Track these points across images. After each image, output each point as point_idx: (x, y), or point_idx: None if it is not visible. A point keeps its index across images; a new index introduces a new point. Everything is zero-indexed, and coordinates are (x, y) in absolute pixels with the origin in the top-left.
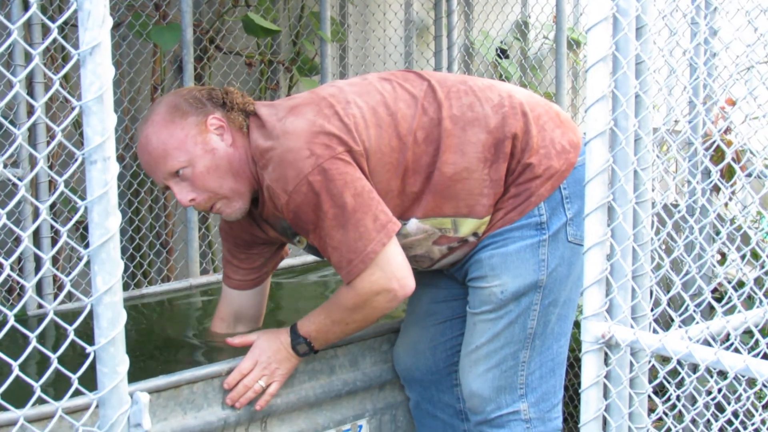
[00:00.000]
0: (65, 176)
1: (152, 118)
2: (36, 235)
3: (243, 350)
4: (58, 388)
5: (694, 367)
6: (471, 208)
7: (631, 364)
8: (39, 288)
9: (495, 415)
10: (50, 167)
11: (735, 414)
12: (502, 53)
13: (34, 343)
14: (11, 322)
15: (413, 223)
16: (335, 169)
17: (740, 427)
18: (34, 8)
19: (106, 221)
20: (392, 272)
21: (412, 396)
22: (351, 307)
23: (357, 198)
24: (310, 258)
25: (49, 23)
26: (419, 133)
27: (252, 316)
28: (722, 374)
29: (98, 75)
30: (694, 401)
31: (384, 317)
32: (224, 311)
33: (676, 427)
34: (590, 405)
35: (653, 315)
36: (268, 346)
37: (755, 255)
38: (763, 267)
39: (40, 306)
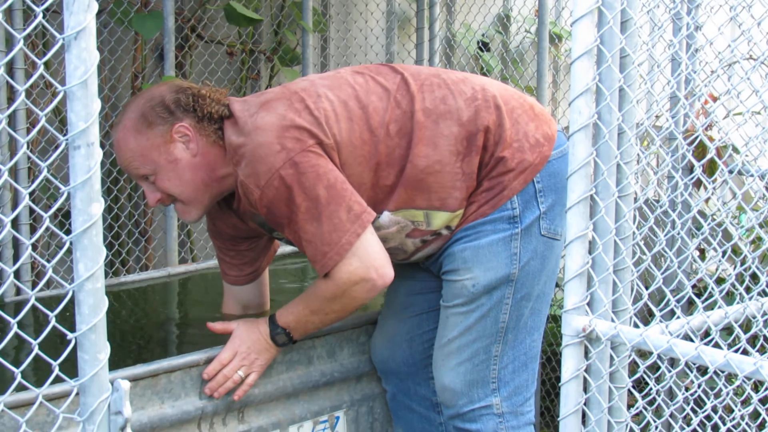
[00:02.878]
0: (47, 162)
1: (123, 122)
2: (15, 222)
3: (221, 341)
4: (36, 374)
5: (674, 363)
6: (443, 201)
7: (611, 359)
8: (17, 274)
9: (467, 409)
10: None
11: (714, 409)
12: (484, 46)
13: (15, 329)
14: None
15: (386, 216)
16: (306, 162)
17: (719, 423)
18: None
19: (89, 207)
20: (370, 261)
21: (389, 388)
22: (329, 297)
23: (329, 190)
24: (288, 248)
25: (35, 7)
26: (392, 126)
27: (258, 304)
28: (702, 369)
29: (83, 60)
30: (673, 396)
31: (362, 308)
32: (231, 305)
33: (655, 421)
34: (570, 399)
35: (634, 309)
36: (248, 336)
37: (736, 251)
38: (743, 263)
39: (18, 292)
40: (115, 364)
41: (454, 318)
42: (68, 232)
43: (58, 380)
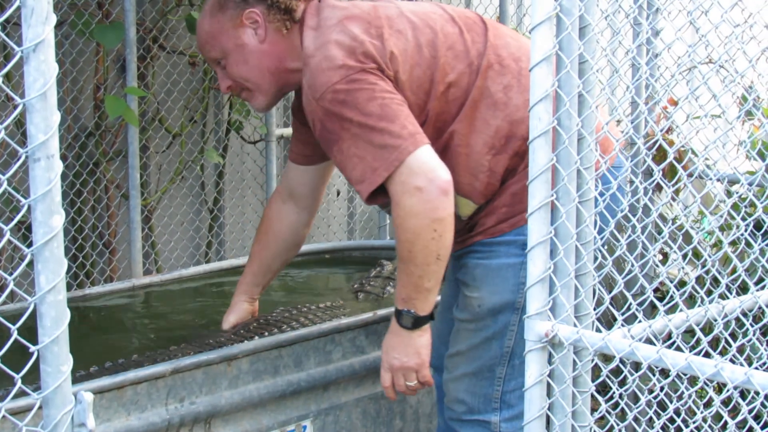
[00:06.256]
0: (8, 174)
1: (205, 7)
2: None
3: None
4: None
5: (637, 366)
6: (460, 185)
7: (574, 363)
8: None
9: (466, 418)
10: None
11: (677, 412)
12: None
13: None
14: None
15: None
16: (364, 80)
17: (682, 425)
18: None
19: (50, 219)
20: (420, 168)
21: (436, 379)
22: (398, 225)
23: (384, 108)
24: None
25: None
26: (452, 90)
27: (303, 193)
28: (664, 373)
29: (42, 72)
30: (636, 400)
31: (334, 314)
32: (282, 185)
33: (618, 425)
34: (533, 403)
35: (596, 314)
36: (388, 349)
37: (696, 254)
38: (704, 266)
39: None
40: (80, 376)
41: (464, 333)
42: (31, 244)
43: (21, 393)
